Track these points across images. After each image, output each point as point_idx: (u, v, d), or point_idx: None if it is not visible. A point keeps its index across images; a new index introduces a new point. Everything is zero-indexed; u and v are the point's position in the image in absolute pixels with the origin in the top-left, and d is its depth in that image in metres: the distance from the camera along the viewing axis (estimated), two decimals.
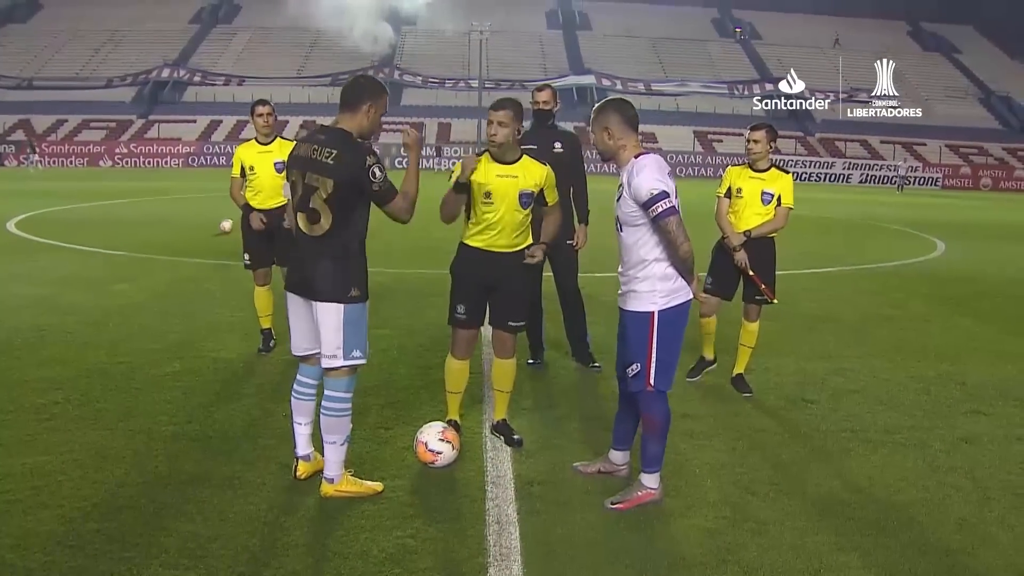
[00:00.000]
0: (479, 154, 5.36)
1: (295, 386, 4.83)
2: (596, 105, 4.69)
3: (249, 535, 4.05)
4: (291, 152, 4.70)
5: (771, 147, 6.74)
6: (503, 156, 5.29)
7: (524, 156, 5.37)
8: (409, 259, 12.49)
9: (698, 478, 4.96)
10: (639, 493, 4.59)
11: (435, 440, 4.97)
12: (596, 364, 7.43)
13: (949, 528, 4.37)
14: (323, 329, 4.49)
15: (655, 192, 4.32)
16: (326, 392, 4.59)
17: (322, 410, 4.59)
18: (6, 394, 6.14)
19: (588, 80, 70.57)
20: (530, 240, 5.44)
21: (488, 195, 5.20)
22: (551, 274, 7.42)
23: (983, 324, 9.97)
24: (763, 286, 6.59)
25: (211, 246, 14.00)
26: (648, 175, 4.37)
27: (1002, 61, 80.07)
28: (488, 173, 5.23)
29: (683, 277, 4.50)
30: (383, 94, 4.64)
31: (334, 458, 4.58)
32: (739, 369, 6.98)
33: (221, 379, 6.81)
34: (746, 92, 72.01)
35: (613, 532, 4.22)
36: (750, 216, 6.76)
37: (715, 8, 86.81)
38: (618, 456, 4.99)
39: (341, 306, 4.46)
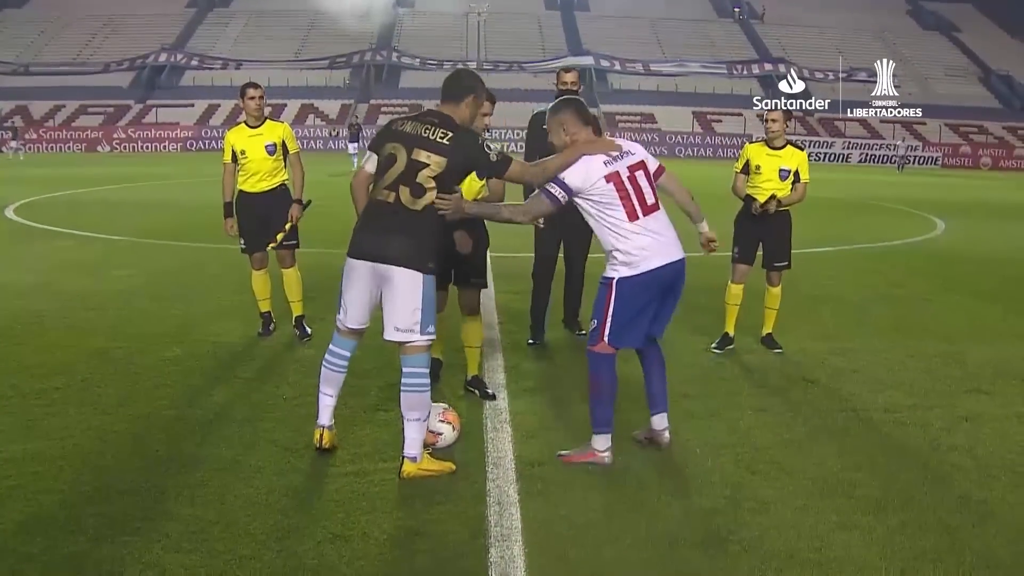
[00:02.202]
0: None
1: (328, 357, 4.89)
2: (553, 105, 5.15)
3: (250, 518, 4.05)
4: (389, 128, 4.80)
5: (787, 126, 7.38)
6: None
7: None
8: None
9: (698, 458, 4.96)
10: (586, 452, 4.85)
11: (435, 421, 4.96)
12: (582, 331, 7.61)
13: (950, 506, 4.37)
14: (400, 302, 4.56)
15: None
16: (406, 370, 4.62)
17: (404, 388, 4.62)
18: (6, 379, 6.13)
19: (587, 61, 70.32)
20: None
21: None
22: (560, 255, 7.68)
23: (983, 303, 9.97)
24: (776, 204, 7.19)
25: (210, 231, 13.97)
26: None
27: (1002, 39, 79.72)
28: None
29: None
30: (482, 87, 4.93)
31: (417, 436, 4.61)
32: (768, 329, 7.54)
33: (221, 363, 6.81)
34: (745, 72, 71.78)
35: (614, 512, 4.22)
36: (770, 191, 7.26)
37: None
38: (655, 420, 5.13)
39: (420, 276, 4.56)
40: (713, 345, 7.37)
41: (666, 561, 3.76)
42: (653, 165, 5.02)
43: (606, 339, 4.82)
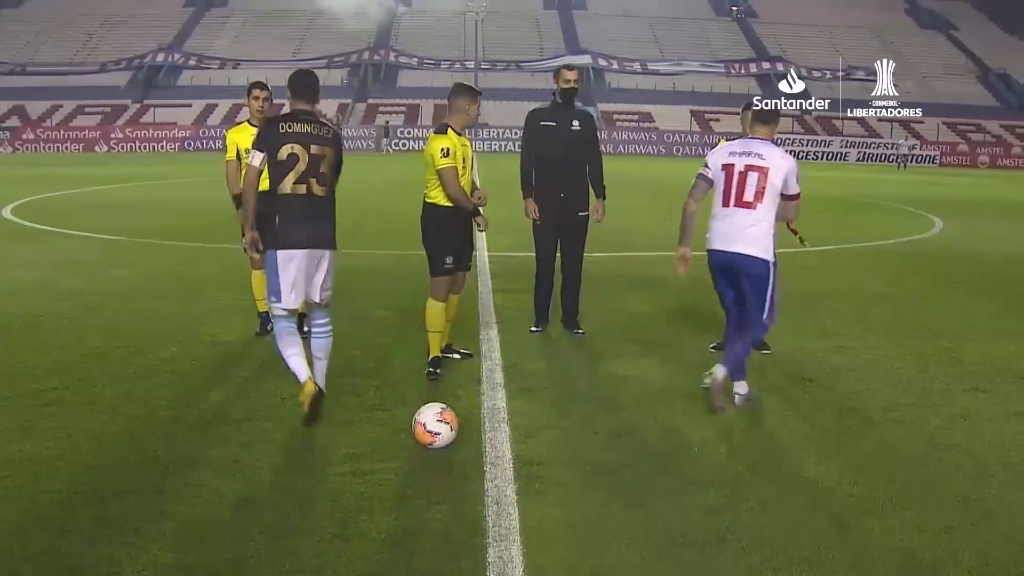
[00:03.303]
0: (440, 131, 6.43)
1: (279, 332, 5.43)
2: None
3: (248, 519, 4.04)
4: (277, 130, 5.36)
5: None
6: (462, 129, 6.51)
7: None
8: (407, 241, 12.45)
9: (697, 457, 4.96)
10: None
11: (433, 421, 4.96)
12: (580, 330, 7.75)
13: (948, 505, 4.37)
14: (326, 274, 5.52)
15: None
16: (323, 322, 5.62)
17: (320, 335, 5.62)
18: (3, 380, 6.12)
19: (584, 60, 70.29)
20: None
21: (464, 160, 6.45)
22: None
23: (981, 301, 9.97)
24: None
25: (208, 230, 13.94)
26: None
27: (1000, 38, 79.74)
28: (459, 143, 6.41)
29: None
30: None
31: (325, 371, 5.63)
32: None
33: (219, 363, 6.81)
34: (743, 71, 71.76)
35: (612, 511, 4.22)
36: None
37: None
38: (735, 387, 5.92)
39: (333, 252, 5.59)
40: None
41: (664, 560, 3.76)
42: (789, 188, 5.86)
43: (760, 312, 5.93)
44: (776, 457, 4.97)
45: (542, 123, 7.58)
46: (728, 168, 5.85)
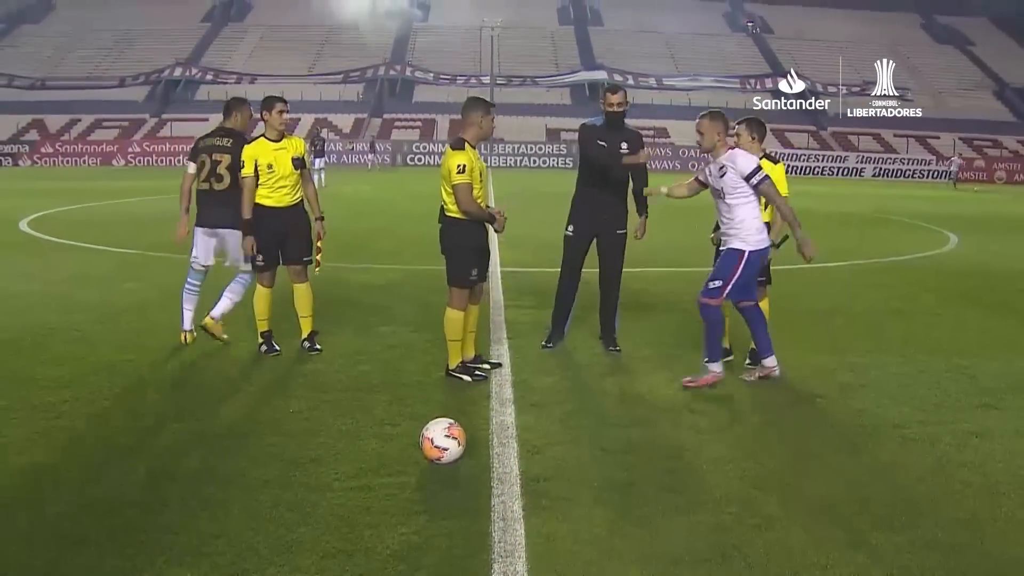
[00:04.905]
0: (456, 146, 6.58)
1: (188, 287, 7.80)
2: (712, 112, 6.71)
3: (253, 532, 4.05)
4: (197, 145, 7.59)
5: (737, 136, 7.03)
6: (476, 143, 6.71)
7: None
8: (418, 256, 12.48)
9: (704, 473, 4.94)
10: (705, 376, 6.58)
11: (441, 436, 4.95)
12: (616, 348, 7.76)
13: (959, 524, 4.32)
14: (233, 247, 7.52)
15: (756, 167, 6.44)
16: (246, 275, 7.68)
17: (242, 284, 7.71)
18: (15, 392, 6.16)
19: (600, 75, 70.32)
20: None
21: (481, 175, 6.68)
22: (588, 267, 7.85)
23: (995, 318, 9.90)
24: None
25: None
26: (746, 158, 6.51)
27: (1016, 53, 79.34)
28: (475, 158, 6.58)
29: (791, 224, 6.47)
30: (246, 103, 7.81)
31: (228, 308, 7.68)
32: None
33: (227, 377, 6.83)
34: (758, 87, 71.65)
35: (618, 528, 4.20)
36: None
37: (726, 2, 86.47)
38: (767, 362, 6.74)
39: (239, 232, 7.28)
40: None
41: None
42: None
43: (725, 296, 6.51)
44: (784, 474, 4.94)
45: (598, 140, 7.62)
46: None
